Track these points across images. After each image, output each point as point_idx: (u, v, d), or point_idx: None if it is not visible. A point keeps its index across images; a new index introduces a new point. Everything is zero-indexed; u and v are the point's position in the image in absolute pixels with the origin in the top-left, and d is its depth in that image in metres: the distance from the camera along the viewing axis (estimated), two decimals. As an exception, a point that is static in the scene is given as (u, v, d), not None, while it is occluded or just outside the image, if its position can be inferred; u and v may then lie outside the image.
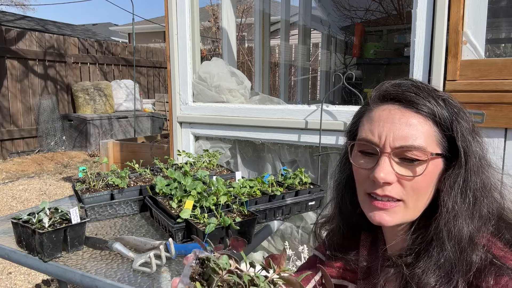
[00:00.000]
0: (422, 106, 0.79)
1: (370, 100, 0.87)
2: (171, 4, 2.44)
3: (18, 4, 15.00)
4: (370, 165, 0.81)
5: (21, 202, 5.21)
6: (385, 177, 0.77)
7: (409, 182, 0.78)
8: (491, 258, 0.73)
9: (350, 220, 0.97)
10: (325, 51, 5.87)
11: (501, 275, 0.70)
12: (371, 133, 0.81)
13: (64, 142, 8.22)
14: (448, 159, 0.80)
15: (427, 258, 0.76)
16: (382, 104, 0.84)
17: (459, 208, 0.76)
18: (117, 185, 1.66)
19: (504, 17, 2.81)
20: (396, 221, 0.81)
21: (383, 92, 0.85)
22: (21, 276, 3.32)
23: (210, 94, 2.47)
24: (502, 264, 0.71)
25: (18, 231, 1.33)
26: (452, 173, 0.78)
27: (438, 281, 0.74)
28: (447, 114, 0.79)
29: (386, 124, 0.80)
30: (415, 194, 0.79)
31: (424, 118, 0.79)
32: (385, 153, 0.79)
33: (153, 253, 1.21)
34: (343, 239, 0.99)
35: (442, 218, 0.77)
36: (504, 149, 1.61)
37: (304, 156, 2.23)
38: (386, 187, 0.79)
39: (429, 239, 0.78)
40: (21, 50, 7.61)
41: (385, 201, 0.80)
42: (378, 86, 0.87)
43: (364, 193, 0.84)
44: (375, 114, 0.83)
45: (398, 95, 0.82)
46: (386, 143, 0.79)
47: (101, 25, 22.00)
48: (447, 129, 0.79)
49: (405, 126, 0.78)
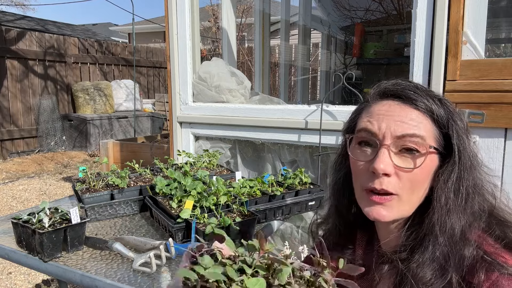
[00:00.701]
0: (421, 103, 0.82)
1: (369, 97, 0.90)
2: (171, 4, 2.44)
3: (18, 4, 15.00)
4: (369, 157, 0.83)
5: (21, 202, 5.21)
6: (384, 168, 0.79)
7: (407, 174, 0.80)
8: (482, 254, 0.74)
9: (346, 219, 0.98)
10: (325, 51, 5.87)
11: (491, 271, 0.72)
12: (370, 124, 0.83)
13: (64, 142, 8.22)
14: (443, 156, 0.82)
15: (421, 252, 0.78)
16: (381, 100, 0.86)
17: (452, 203, 0.78)
18: (117, 185, 1.66)
19: (504, 17, 2.81)
20: (392, 216, 0.82)
21: (382, 89, 0.87)
22: (21, 276, 3.32)
23: (210, 94, 2.47)
24: (492, 260, 0.73)
25: (18, 231, 1.33)
26: (446, 170, 0.81)
27: (434, 275, 0.76)
28: (443, 112, 0.82)
29: (386, 117, 0.82)
30: (411, 188, 0.81)
31: (423, 114, 0.82)
32: (384, 145, 0.80)
33: (153, 253, 1.21)
34: (339, 238, 1.00)
35: (435, 213, 0.79)
36: (504, 149, 1.61)
37: (304, 156, 2.23)
38: (384, 180, 0.80)
39: (422, 234, 0.80)
40: (21, 50, 7.61)
41: (382, 196, 0.81)
42: (377, 85, 0.90)
43: (361, 189, 0.85)
44: (374, 108, 0.85)
45: (398, 91, 0.85)
46: (386, 135, 0.81)
47: (101, 25, 22.00)
48: (443, 126, 0.81)
49: (405, 117, 0.81)
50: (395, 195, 0.81)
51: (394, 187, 0.80)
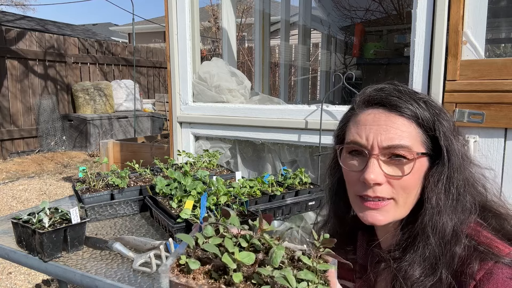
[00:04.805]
0: (405, 109, 0.82)
1: (355, 105, 0.90)
2: (171, 4, 2.44)
3: (18, 4, 15.00)
4: (360, 167, 0.84)
5: (21, 202, 5.21)
6: (375, 178, 0.80)
7: (398, 181, 0.81)
8: (476, 245, 0.76)
9: (345, 221, 0.99)
10: (325, 51, 5.87)
11: (485, 260, 0.73)
12: (358, 136, 0.84)
13: (64, 142, 8.22)
14: (432, 157, 0.83)
15: (413, 252, 0.79)
16: (367, 109, 0.87)
17: (443, 204, 0.79)
18: (117, 185, 1.66)
19: (504, 17, 2.81)
20: (388, 219, 0.83)
21: (367, 97, 0.88)
22: (21, 276, 3.32)
23: (210, 94, 2.47)
24: (486, 250, 0.74)
25: (18, 231, 1.33)
26: (436, 171, 0.82)
27: (423, 273, 0.77)
28: (428, 115, 0.82)
29: (372, 127, 0.83)
30: (405, 192, 0.82)
31: (408, 120, 0.82)
32: (373, 155, 0.81)
33: (153, 253, 1.21)
34: (340, 240, 1.00)
35: (426, 214, 0.80)
36: (504, 149, 1.61)
37: (304, 156, 2.23)
38: (376, 188, 0.81)
39: (415, 234, 0.81)
40: (21, 50, 7.61)
41: (376, 201, 0.82)
42: (362, 91, 0.90)
43: (354, 195, 0.87)
44: (361, 118, 0.86)
45: (382, 99, 0.85)
46: (374, 145, 0.81)
47: (101, 25, 22.00)
48: (429, 129, 0.82)
49: (390, 127, 0.81)
50: (390, 199, 0.82)
51: (389, 193, 0.82)
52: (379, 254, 0.87)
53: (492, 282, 0.71)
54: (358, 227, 0.99)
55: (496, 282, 0.70)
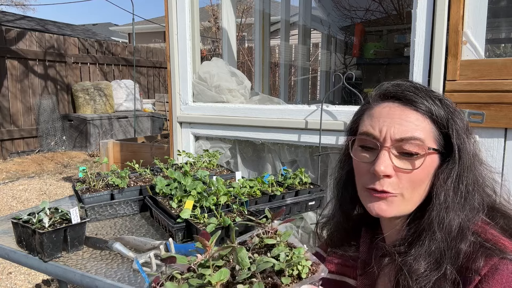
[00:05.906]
0: (420, 105, 0.83)
1: (370, 99, 0.91)
2: (171, 4, 2.44)
3: (18, 4, 15.00)
4: (371, 159, 0.84)
5: (21, 202, 5.21)
6: (385, 170, 0.81)
7: (407, 175, 0.82)
8: (482, 242, 0.76)
9: (350, 216, 1.00)
10: (325, 51, 5.87)
11: (491, 255, 0.74)
12: (372, 128, 0.85)
13: (64, 142, 8.22)
14: (443, 155, 0.84)
15: (419, 246, 0.80)
16: (382, 102, 0.88)
17: (451, 201, 0.80)
18: (117, 185, 1.66)
19: (504, 17, 2.81)
20: (393, 211, 0.84)
21: (383, 91, 0.89)
22: (21, 276, 3.32)
23: (210, 94, 2.47)
24: (491, 246, 0.75)
25: (18, 231, 1.33)
26: (446, 168, 0.82)
27: (428, 268, 0.78)
28: (443, 113, 0.83)
29: (386, 119, 0.84)
30: (411, 186, 0.82)
31: (422, 115, 0.83)
32: (385, 147, 0.82)
33: (153, 253, 1.21)
34: (344, 236, 1.02)
35: (434, 209, 0.80)
36: (504, 149, 1.61)
37: (304, 156, 2.23)
38: (384, 181, 0.82)
39: (421, 229, 0.81)
40: (21, 50, 7.61)
41: (382, 194, 0.83)
42: (379, 86, 0.92)
43: (363, 188, 0.88)
44: (375, 111, 0.87)
45: (398, 93, 0.86)
46: (386, 137, 0.82)
47: (101, 25, 22.00)
48: (443, 126, 0.83)
49: (404, 121, 0.82)
50: (396, 194, 0.83)
51: (394, 187, 0.82)
52: (383, 248, 0.88)
53: (497, 277, 0.71)
54: (363, 223, 1.00)
55: (501, 277, 0.71)
